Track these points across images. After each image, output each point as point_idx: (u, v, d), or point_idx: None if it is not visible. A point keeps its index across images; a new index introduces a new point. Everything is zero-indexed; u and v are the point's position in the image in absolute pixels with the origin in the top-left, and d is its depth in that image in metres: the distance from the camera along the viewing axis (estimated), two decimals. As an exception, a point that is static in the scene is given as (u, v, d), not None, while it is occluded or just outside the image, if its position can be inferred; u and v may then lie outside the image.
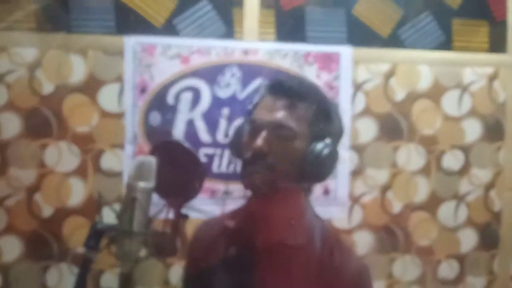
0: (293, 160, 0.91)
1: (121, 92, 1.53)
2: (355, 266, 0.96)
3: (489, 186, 1.70)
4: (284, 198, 0.95)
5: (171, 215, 1.13)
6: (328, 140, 0.91)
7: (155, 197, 1.00)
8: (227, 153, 1.56)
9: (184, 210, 1.16)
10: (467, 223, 1.69)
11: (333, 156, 0.93)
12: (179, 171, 1.04)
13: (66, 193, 1.52)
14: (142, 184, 0.93)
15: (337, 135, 0.97)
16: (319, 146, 0.91)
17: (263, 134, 0.91)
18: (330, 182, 1.60)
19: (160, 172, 0.95)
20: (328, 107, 0.97)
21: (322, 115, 0.94)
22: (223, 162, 1.57)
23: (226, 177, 1.57)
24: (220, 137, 1.56)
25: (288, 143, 0.91)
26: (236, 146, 1.00)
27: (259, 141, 0.90)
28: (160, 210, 0.99)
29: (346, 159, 1.61)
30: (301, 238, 0.96)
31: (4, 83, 1.48)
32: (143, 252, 0.94)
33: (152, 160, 0.96)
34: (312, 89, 0.98)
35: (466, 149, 1.68)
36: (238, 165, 1.03)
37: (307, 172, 0.92)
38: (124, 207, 0.92)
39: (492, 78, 1.67)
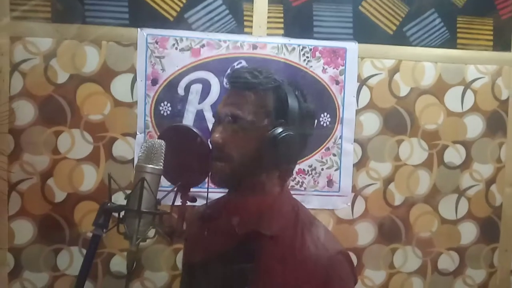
0: (251, 148, 0.94)
1: (133, 83, 1.57)
2: (330, 252, 0.94)
3: (490, 181, 1.73)
4: (253, 189, 0.98)
5: (179, 198, 1.18)
6: (283, 127, 0.93)
7: (164, 181, 1.04)
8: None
9: (191, 194, 1.20)
10: (468, 217, 1.72)
11: (290, 141, 0.94)
12: (187, 155, 1.08)
13: (79, 179, 1.57)
14: (151, 166, 0.97)
15: (297, 119, 0.97)
16: (275, 132, 0.92)
17: (219, 127, 0.97)
18: (334, 174, 1.65)
19: (168, 156, 0.99)
20: (285, 94, 0.97)
21: (279, 103, 0.96)
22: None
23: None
24: (228, 128, 1.60)
25: (244, 133, 0.95)
26: None
27: (215, 135, 0.96)
28: (168, 193, 1.03)
29: (350, 151, 1.65)
30: (271, 227, 0.96)
31: (20, 71, 1.53)
32: (151, 233, 0.98)
33: (161, 143, 1.00)
34: (268, 80, 0.98)
35: (468, 145, 1.71)
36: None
37: (267, 158, 0.94)
38: (133, 188, 0.96)
39: (496, 75, 1.71)
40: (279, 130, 0.93)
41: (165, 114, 1.58)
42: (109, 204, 0.98)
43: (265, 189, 0.99)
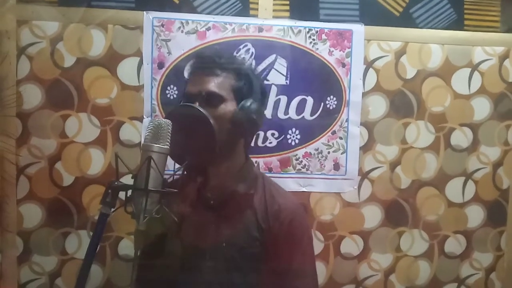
0: (225, 121, 1.10)
1: (139, 66, 1.57)
2: (292, 205, 1.20)
3: (497, 164, 1.72)
4: (225, 156, 1.16)
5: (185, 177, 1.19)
6: (251, 99, 1.12)
7: (170, 162, 1.05)
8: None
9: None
10: (475, 200, 1.72)
11: (259, 112, 1.14)
12: (194, 135, 1.09)
13: (86, 162, 1.57)
14: (157, 146, 0.97)
15: (258, 94, 1.17)
16: (246, 104, 1.11)
17: (196, 104, 1.10)
18: (340, 157, 1.64)
19: (175, 135, 1.00)
20: (247, 72, 1.17)
21: (243, 79, 1.15)
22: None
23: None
24: (235, 111, 1.60)
25: (218, 107, 1.10)
26: None
27: None
28: (175, 172, 1.04)
29: (356, 134, 1.64)
30: (241, 186, 1.17)
31: (27, 55, 1.53)
32: (158, 212, 0.99)
33: (168, 123, 1.00)
34: (230, 60, 1.19)
35: (475, 127, 1.70)
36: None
37: (240, 127, 1.11)
38: (140, 167, 0.97)
39: (503, 57, 1.69)
40: (248, 102, 1.11)
41: (171, 97, 1.58)
42: (116, 183, 0.99)
43: (235, 156, 1.18)
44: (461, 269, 1.73)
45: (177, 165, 1.12)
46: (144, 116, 1.57)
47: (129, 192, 0.98)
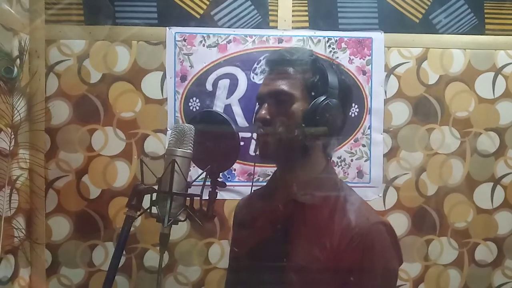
0: (297, 122, 0.96)
1: (163, 80, 1.61)
2: (367, 224, 0.95)
3: (526, 169, 1.69)
4: (300, 162, 1.01)
5: (208, 182, 1.19)
6: (325, 96, 0.95)
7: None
8: (263, 137, 1.62)
9: (221, 180, 1.21)
10: (505, 206, 1.68)
11: (334, 109, 0.96)
12: (217, 140, 1.09)
13: (112, 175, 1.60)
14: (181, 150, 0.99)
15: (335, 89, 0.99)
16: (317, 102, 0.95)
17: (264, 105, 0.98)
18: (364, 165, 1.63)
19: (198, 140, 1.00)
20: (322, 67, 1.00)
21: (317, 75, 0.98)
22: (260, 145, 1.63)
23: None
24: (257, 121, 1.62)
25: (288, 107, 0.96)
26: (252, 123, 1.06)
27: (261, 112, 0.98)
28: (198, 176, 1.05)
29: (380, 141, 1.63)
30: (315, 197, 0.99)
31: (55, 72, 1.59)
32: (182, 216, 0.99)
33: (191, 128, 1.01)
34: (304, 56, 1.02)
35: (501, 131, 1.67)
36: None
37: (312, 128, 0.96)
38: (164, 171, 0.98)
39: (526, 60, 1.67)
40: (321, 99, 0.95)
41: (194, 109, 1.61)
42: (140, 186, 1.00)
43: (311, 162, 1.02)
44: (493, 278, 1.68)
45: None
46: (168, 129, 1.60)
47: (154, 196, 0.99)
